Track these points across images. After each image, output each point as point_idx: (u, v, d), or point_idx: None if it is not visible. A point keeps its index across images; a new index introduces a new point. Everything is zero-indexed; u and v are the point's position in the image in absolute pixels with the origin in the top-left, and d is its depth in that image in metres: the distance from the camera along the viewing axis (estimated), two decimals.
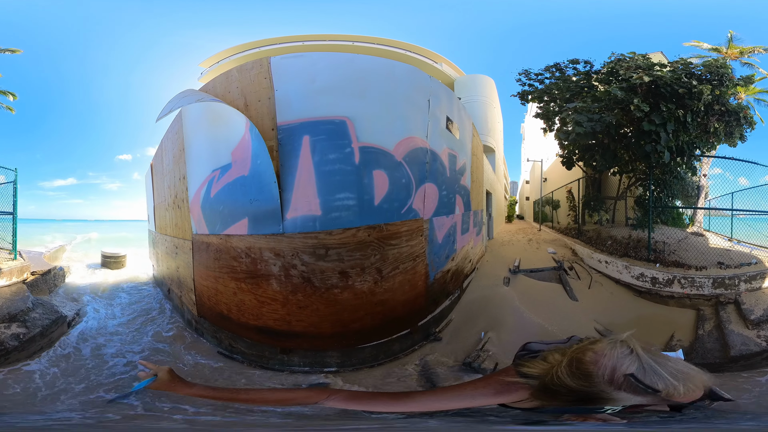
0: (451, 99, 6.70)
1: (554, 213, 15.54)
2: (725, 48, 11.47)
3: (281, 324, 4.94)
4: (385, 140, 5.00)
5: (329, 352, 5.01)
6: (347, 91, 4.89)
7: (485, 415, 1.95)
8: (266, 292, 4.96)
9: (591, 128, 8.52)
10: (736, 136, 9.19)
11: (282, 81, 4.77)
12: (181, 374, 1.82)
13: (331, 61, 5.03)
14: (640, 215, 9.54)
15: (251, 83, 4.91)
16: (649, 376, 1.15)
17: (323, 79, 4.82)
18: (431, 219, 5.80)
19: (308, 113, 4.71)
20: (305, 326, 4.87)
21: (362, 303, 4.92)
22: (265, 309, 4.99)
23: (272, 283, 4.89)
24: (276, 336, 5.03)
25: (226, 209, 5.26)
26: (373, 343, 5.12)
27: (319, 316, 4.83)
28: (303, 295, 4.80)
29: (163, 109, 4.90)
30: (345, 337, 4.97)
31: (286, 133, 4.70)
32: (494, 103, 19.13)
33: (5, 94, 14.07)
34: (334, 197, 4.72)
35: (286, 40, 20.58)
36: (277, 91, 4.74)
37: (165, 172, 7.74)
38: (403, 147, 5.19)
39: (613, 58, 9.53)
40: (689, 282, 6.48)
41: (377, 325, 5.09)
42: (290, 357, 5.05)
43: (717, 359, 5.02)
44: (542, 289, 7.33)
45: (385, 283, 5.05)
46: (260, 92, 4.83)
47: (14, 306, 5.67)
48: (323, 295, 4.79)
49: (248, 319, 5.16)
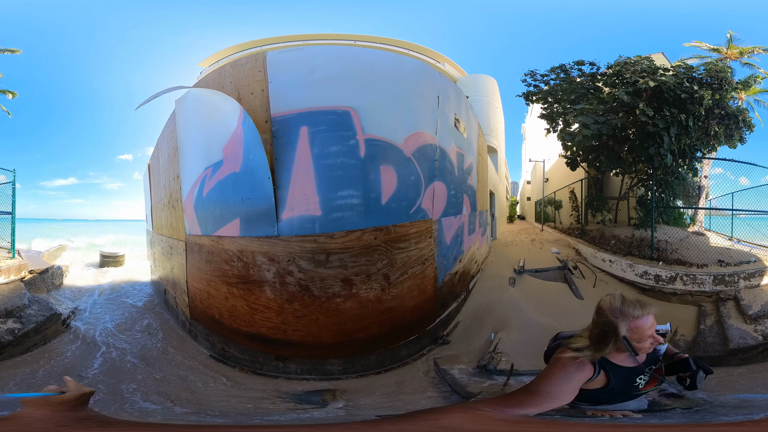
0: (460, 97, 6.60)
1: (556, 213, 15.69)
2: (725, 48, 11.60)
3: (276, 333, 4.58)
4: (394, 134, 4.64)
5: (329, 359, 4.67)
6: (352, 81, 4.55)
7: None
8: (259, 300, 4.58)
9: (597, 130, 8.66)
10: (735, 138, 9.36)
11: (277, 73, 4.43)
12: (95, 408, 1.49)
13: (333, 53, 4.77)
14: (643, 215, 9.69)
15: (244, 77, 4.62)
16: (628, 303, 1.92)
17: (324, 70, 4.47)
18: (440, 219, 5.61)
19: (306, 103, 4.34)
20: (302, 336, 4.50)
21: (368, 312, 4.56)
22: (258, 316, 4.64)
23: (266, 290, 4.50)
24: (270, 344, 4.69)
25: (217, 209, 4.93)
26: (380, 351, 4.84)
27: (318, 326, 4.46)
28: (300, 305, 4.39)
29: (146, 100, 4.60)
30: (348, 347, 4.63)
31: (281, 125, 4.30)
32: (496, 104, 19.23)
33: (5, 93, 14.16)
34: (336, 195, 4.29)
35: (287, 39, 20.62)
36: (272, 82, 4.40)
37: (161, 171, 7.58)
38: (412, 142, 4.88)
39: (620, 60, 9.68)
40: (691, 279, 6.67)
41: (384, 333, 4.78)
42: (286, 363, 4.69)
43: (717, 352, 5.23)
44: (548, 289, 7.39)
45: (393, 290, 4.71)
46: (253, 85, 4.50)
47: (11, 302, 5.75)
48: (323, 305, 4.39)
49: (240, 326, 4.84)
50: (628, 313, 1.92)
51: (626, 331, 1.92)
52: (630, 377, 2.05)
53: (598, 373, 1.95)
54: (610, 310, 1.95)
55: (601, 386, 2.01)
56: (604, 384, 2.00)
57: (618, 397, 2.10)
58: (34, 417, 1.34)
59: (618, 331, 1.91)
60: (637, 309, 1.93)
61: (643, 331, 1.93)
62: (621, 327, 1.92)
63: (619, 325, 1.91)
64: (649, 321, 1.93)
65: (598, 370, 1.95)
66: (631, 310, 1.92)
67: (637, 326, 1.92)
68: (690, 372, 2.16)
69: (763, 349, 5.15)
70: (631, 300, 1.97)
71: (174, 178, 6.36)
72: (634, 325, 1.91)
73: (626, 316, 1.91)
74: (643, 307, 1.95)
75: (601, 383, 2.00)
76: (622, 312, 1.92)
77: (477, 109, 17.09)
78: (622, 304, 1.94)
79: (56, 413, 1.37)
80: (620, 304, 1.94)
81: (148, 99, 4.54)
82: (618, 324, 1.92)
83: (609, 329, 1.92)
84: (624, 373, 2.02)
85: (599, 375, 1.96)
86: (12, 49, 13.49)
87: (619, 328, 1.91)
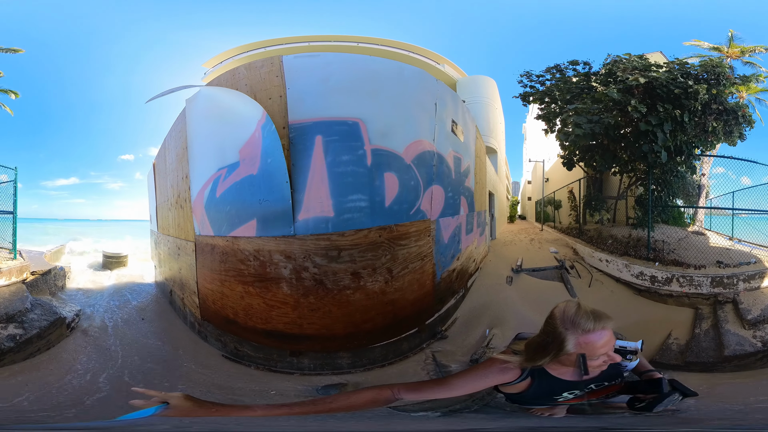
0: (456, 102, 6.81)
1: (556, 213, 15.68)
2: (726, 47, 11.55)
3: (292, 327, 4.89)
4: (396, 143, 5.06)
5: (340, 353, 5.00)
6: (360, 92, 4.88)
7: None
8: (276, 296, 4.88)
9: (590, 129, 8.66)
10: (735, 135, 9.27)
11: (294, 79, 4.69)
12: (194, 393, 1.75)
13: (345, 62, 5.02)
14: (641, 214, 9.68)
15: (261, 81, 4.82)
16: (582, 314, 1.76)
17: (337, 79, 4.79)
18: (438, 220, 5.93)
19: (321, 113, 4.67)
20: (317, 328, 4.85)
21: (374, 303, 4.95)
22: (275, 313, 4.92)
23: (282, 286, 4.82)
24: (286, 339, 4.97)
25: (233, 210, 5.14)
26: (383, 343, 5.16)
27: (331, 318, 4.81)
28: (315, 298, 4.76)
29: (158, 94, 4.64)
30: (357, 338, 4.98)
31: (298, 132, 4.63)
32: (496, 104, 19.23)
33: (7, 93, 14.17)
34: (347, 198, 4.73)
35: (292, 40, 20.59)
36: (290, 89, 4.66)
37: (168, 171, 7.62)
38: (412, 150, 5.27)
39: (609, 60, 9.67)
40: (687, 281, 6.52)
41: (388, 325, 5.13)
42: (300, 359, 5.01)
43: (711, 358, 5.04)
44: (544, 288, 7.50)
45: (396, 283, 5.10)
46: (271, 90, 4.74)
47: (12, 306, 5.55)
48: (336, 297, 4.77)
49: (256, 323, 5.07)
50: (579, 324, 1.74)
51: (574, 347, 1.74)
52: (556, 390, 1.93)
53: (523, 378, 1.87)
54: (561, 319, 1.78)
55: (517, 392, 1.94)
56: (522, 390, 1.92)
57: (531, 402, 2.01)
58: (182, 406, 1.61)
59: (564, 344, 1.75)
60: (589, 322, 1.73)
61: (594, 348, 1.74)
62: (568, 340, 1.74)
63: (567, 338, 1.75)
64: (602, 337, 1.74)
65: (526, 376, 1.86)
66: (583, 322, 1.73)
67: (588, 341, 1.73)
68: (656, 395, 1.93)
69: (762, 356, 4.90)
70: (587, 311, 1.77)
71: (182, 177, 6.41)
72: (583, 339, 1.73)
73: (576, 327, 1.74)
74: (598, 320, 1.75)
75: (520, 389, 1.93)
76: (573, 323, 1.75)
77: (476, 110, 17.11)
78: (575, 314, 1.76)
79: (195, 404, 1.65)
80: (573, 314, 1.76)
81: (160, 94, 4.61)
82: (566, 337, 1.75)
83: (553, 340, 1.77)
84: (552, 385, 1.90)
85: (523, 381, 1.88)
86: (14, 48, 13.41)
87: (566, 341, 1.75)
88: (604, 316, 1.78)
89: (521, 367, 1.85)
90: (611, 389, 2.01)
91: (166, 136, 7.50)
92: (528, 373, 1.86)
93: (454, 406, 2.59)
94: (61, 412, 3.83)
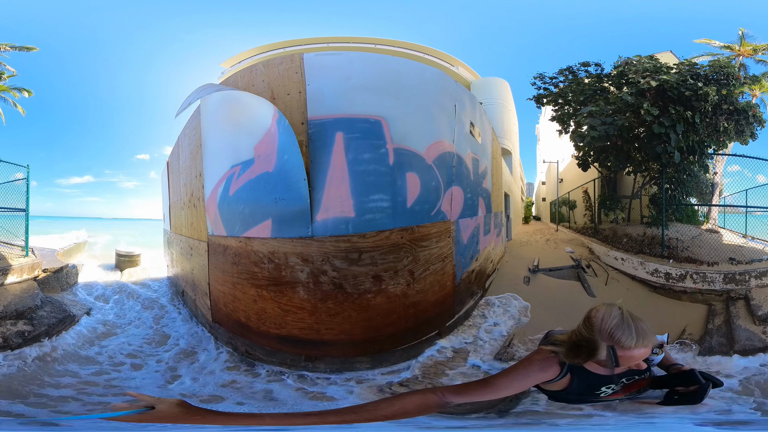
0: (474, 104, 6.91)
1: (571, 213, 15.81)
2: (737, 46, 11.59)
3: (309, 333, 4.72)
4: (417, 143, 5.03)
5: (358, 357, 4.82)
6: (383, 91, 4.78)
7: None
8: (292, 301, 4.68)
9: (605, 131, 8.87)
10: (746, 134, 9.37)
11: (315, 76, 4.57)
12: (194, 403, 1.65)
13: (367, 61, 4.95)
14: (655, 213, 9.83)
15: (280, 77, 4.69)
16: (623, 329, 1.68)
17: (359, 77, 4.69)
18: (457, 221, 5.99)
19: (343, 109, 4.54)
20: (336, 334, 4.68)
21: (395, 306, 4.83)
22: (290, 318, 4.75)
23: (299, 290, 4.63)
24: (302, 345, 4.81)
25: (247, 209, 4.97)
26: (404, 347, 5.04)
27: (351, 323, 4.64)
28: (334, 303, 4.57)
29: (182, 104, 4.57)
30: (377, 342, 4.83)
31: (317, 128, 4.47)
32: (510, 106, 19.32)
33: (21, 91, 14.38)
34: (368, 198, 4.59)
35: (311, 41, 20.60)
36: (309, 85, 4.54)
37: (181, 169, 7.49)
38: (433, 150, 5.26)
39: (620, 62, 9.85)
40: (701, 277, 6.67)
41: (409, 327, 5.04)
42: (315, 364, 4.79)
43: (722, 353, 5.17)
44: (561, 287, 7.65)
45: (417, 285, 5.03)
46: (290, 86, 4.62)
47: (22, 303, 5.62)
48: (356, 301, 4.60)
49: (269, 328, 4.90)
50: (619, 341, 1.67)
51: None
52: (595, 385, 1.93)
53: (563, 375, 1.88)
54: (599, 328, 1.71)
55: (560, 389, 1.96)
56: (564, 387, 1.94)
57: (574, 400, 2.03)
58: (168, 412, 1.57)
59: (596, 352, 1.72)
60: (630, 339, 1.66)
61: (629, 361, 1.72)
62: (602, 349, 1.71)
63: (601, 347, 1.71)
64: (641, 353, 1.70)
65: (565, 372, 1.88)
66: (624, 339, 1.66)
67: (624, 356, 1.69)
68: (697, 385, 1.89)
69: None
70: (630, 324, 1.68)
71: (196, 176, 6.31)
72: (620, 353, 1.68)
73: (615, 342, 1.67)
74: (640, 338, 1.67)
75: (562, 386, 1.94)
76: (611, 336, 1.68)
77: (491, 111, 17.27)
78: (616, 328, 1.67)
79: (184, 411, 1.60)
80: (614, 327, 1.68)
81: (185, 102, 4.53)
82: (599, 345, 1.71)
83: (587, 346, 1.74)
84: (590, 380, 1.90)
85: (563, 378, 1.89)
86: (29, 46, 13.18)
87: (599, 349, 1.71)
88: (648, 334, 1.70)
89: (561, 362, 1.87)
90: (641, 383, 2.01)
91: (180, 134, 7.45)
92: (567, 370, 1.86)
93: (497, 406, 2.65)
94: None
